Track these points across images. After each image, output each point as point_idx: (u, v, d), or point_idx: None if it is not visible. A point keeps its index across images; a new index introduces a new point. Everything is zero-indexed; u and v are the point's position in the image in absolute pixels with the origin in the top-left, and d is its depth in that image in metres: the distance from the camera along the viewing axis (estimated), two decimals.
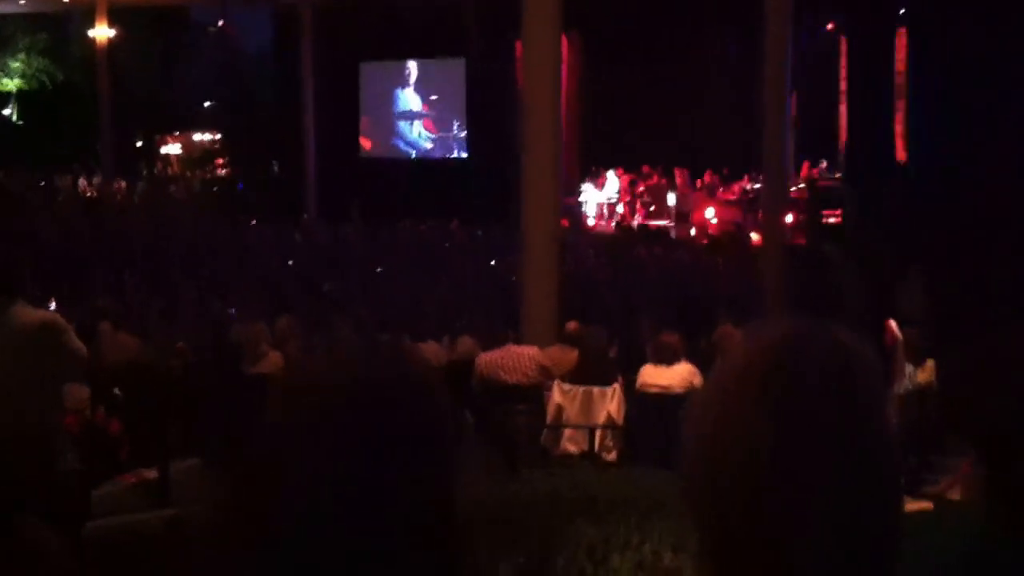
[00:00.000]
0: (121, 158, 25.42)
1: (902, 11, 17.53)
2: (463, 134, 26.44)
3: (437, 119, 26.87)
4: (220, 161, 28.04)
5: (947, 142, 13.88)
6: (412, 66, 26.64)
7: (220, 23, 22.69)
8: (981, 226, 12.03)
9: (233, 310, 10.23)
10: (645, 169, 21.80)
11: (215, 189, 26.15)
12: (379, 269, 16.13)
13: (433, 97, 26.71)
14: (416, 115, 26.99)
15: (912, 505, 4.75)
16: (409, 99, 26.89)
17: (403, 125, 27.21)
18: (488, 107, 24.28)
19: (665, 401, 7.52)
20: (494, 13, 21.56)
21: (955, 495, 5.38)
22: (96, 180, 25.00)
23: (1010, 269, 10.46)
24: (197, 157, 28.34)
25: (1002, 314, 5.43)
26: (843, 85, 20.25)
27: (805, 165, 20.17)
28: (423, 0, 23.60)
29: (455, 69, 25.94)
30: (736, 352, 1.10)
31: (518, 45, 20.13)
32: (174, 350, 9.50)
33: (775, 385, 1.04)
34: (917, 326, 8.28)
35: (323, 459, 1.05)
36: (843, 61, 20.21)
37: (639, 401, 7.80)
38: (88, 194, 23.80)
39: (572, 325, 9.18)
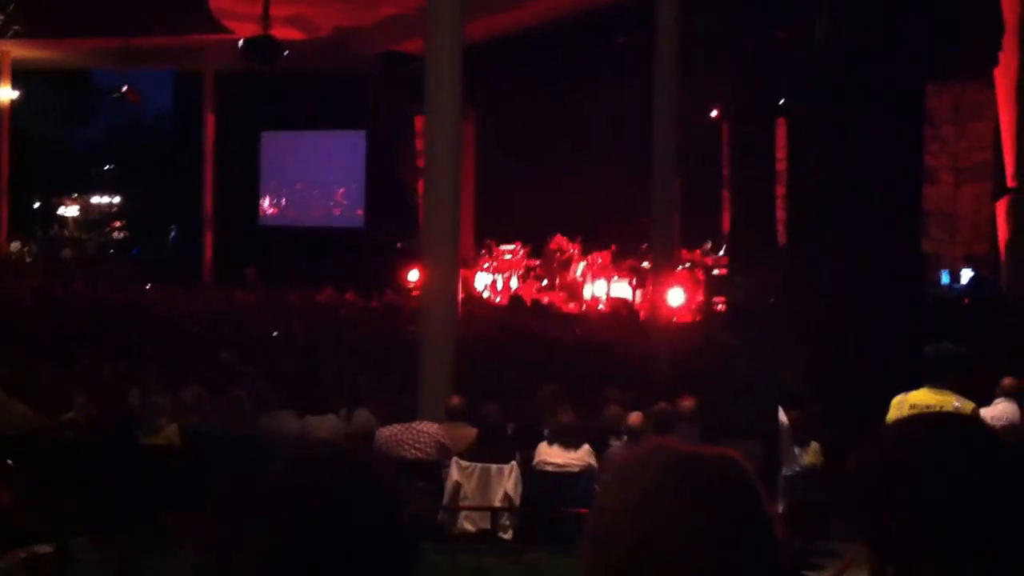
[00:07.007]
0: (17, 219, 24.83)
1: (781, 101, 18.38)
2: (361, 205, 26.59)
3: (336, 190, 26.99)
4: (117, 224, 27.59)
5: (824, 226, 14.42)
6: (313, 137, 26.77)
7: (124, 88, 22.45)
8: (858, 309, 12.59)
9: (130, 379, 10.11)
10: (555, 242, 21.93)
11: (111, 252, 25.68)
12: (275, 333, 16.05)
13: (332, 168, 26.83)
14: (315, 185, 27.05)
15: None
16: (308, 169, 26.95)
17: (301, 194, 27.23)
18: (386, 179, 24.58)
19: (562, 479, 7.73)
20: (395, 88, 21.99)
21: None
22: None
23: (886, 349, 10.92)
24: (94, 219, 27.81)
25: (877, 392, 5.76)
26: (726, 171, 21.05)
27: (695, 251, 20.71)
28: (325, 73, 23.83)
29: (356, 141, 26.17)
30: (634, 470, 1.27)
31: (417, 120, 20.56)
32: (68, 419, 9.33)
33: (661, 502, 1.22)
34: (802, 408, 8.60)
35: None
36: (725, 149, 21.03)
37: (536, 477, 7.93)
38: None
39: (455, 400, 9.06)
